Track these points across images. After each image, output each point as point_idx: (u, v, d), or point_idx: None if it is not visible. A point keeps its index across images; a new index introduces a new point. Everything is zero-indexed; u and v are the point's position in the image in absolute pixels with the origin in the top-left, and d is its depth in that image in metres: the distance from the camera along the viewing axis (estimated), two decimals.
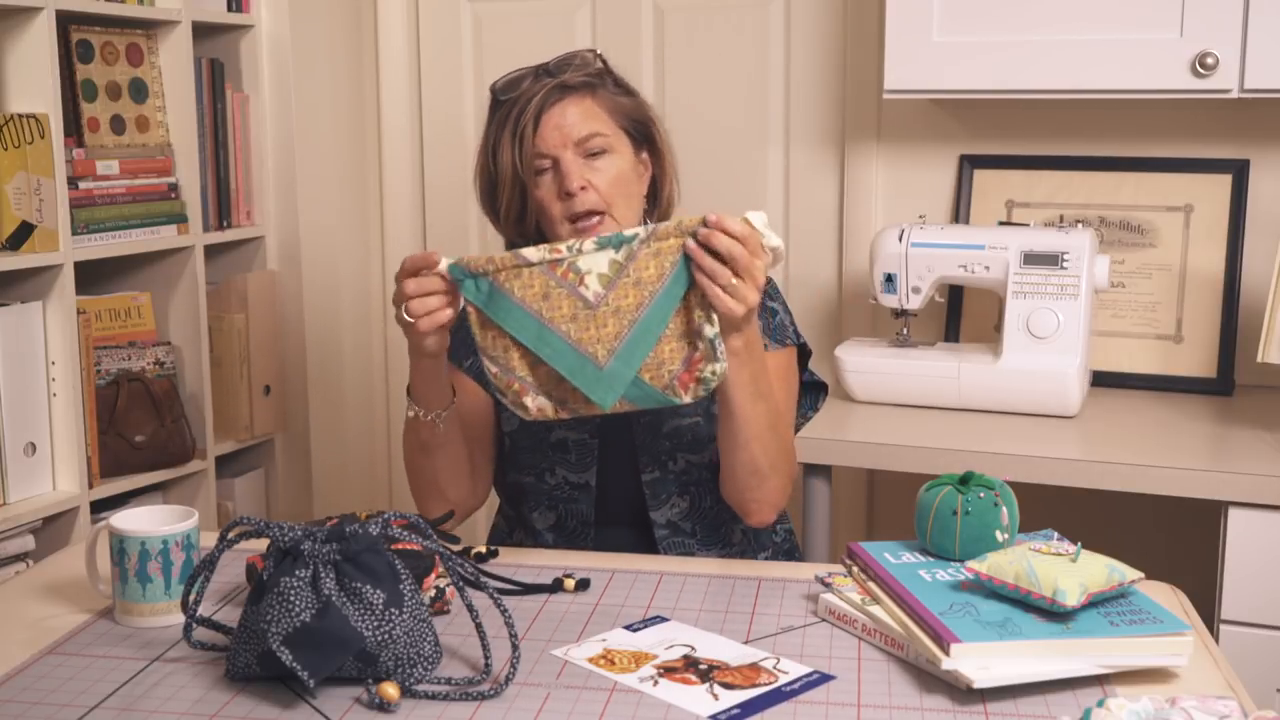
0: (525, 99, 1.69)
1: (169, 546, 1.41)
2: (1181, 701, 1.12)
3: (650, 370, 1.46)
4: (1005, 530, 1.41)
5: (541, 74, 1.70)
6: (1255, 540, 1.91)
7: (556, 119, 1.68)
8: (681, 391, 1.47)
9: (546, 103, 1.68)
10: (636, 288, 1.45)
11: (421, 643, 1.27)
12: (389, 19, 2.97)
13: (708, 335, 1.46)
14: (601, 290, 1.45)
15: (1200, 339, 2.41)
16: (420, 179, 3.03)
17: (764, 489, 1.66)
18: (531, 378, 1.49)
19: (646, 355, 1.46)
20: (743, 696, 1.23)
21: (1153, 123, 2.47)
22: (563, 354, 1.46)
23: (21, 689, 1.27)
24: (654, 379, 1.47)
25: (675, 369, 1.47)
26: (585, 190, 1.67)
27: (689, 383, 1.47)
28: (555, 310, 1.46)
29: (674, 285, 1.45)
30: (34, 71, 2.24)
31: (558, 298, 1.46)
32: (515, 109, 1.69)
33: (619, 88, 1.76)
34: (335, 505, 2.92)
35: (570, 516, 1.76)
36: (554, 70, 1.70)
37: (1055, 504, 2.30)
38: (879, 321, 2.64)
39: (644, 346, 1.46)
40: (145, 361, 2.49)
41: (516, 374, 1.49)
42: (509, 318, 1.46)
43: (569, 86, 1.69)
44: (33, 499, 2.29)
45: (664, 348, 1.46)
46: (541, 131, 1.67)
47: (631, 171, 1.73)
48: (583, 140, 1.68)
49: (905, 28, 2.28)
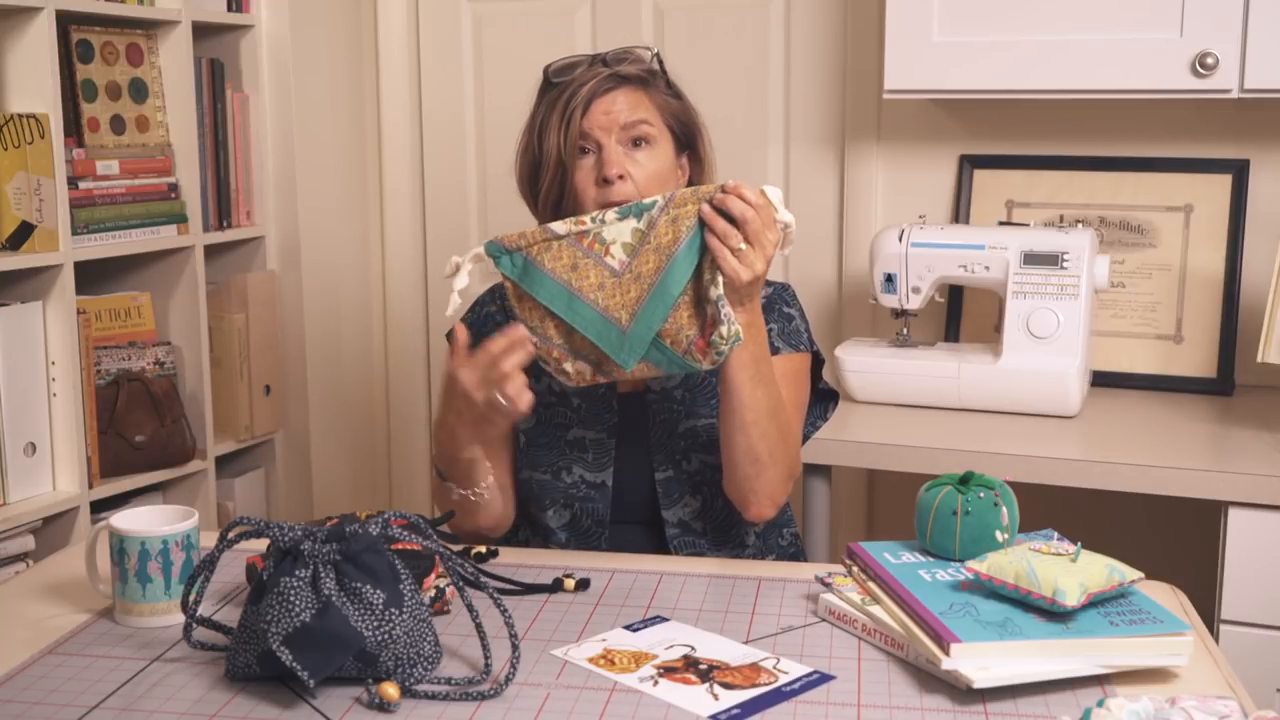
0: (578, 84, 1.70)
1: (169, 546, 1.41)
2: (1181, 701, 1.12)
3: (670, 335, 1.52)
4: (1005, 530, 1.41)
5: (597, 62, 1.72)
6: (1255, 540, 1.91)
7: (606, 104, 1.69)
8: (700, 357, 1.52)
9: (599, 89, 1.69)
10: (656, 253, 1.51)
11: (421, 643, 1.27)
12: (389, 19, 2.97)
13: (712, 297, 1.50)
14: (625, 259, 1.52)
15: (1200, 339, 2.41)
16: (420, 179, 3.03)
17: (762, 479, 1.65)
18: (567, 345, 1.54)
19: (664, 318, 1.51)
20: (743, 696, 1.23)
21: (1153, 123, 2.47)
22: (591, 321, 1.52)
23: (21, 689, 1.27)
24: (674, 344, 1.52)
25: (692, 335, 1.51)
26: (623, 180, 1.67)
27: (704, 348, 1.51)
28: (584, 280, 1.52)
29: (689, 250, 1.50)
30: (34, 71, 2.24)
31: (585, 268, 1.52)
32: (567, 92, 1.70)
33: (671, 89, 1.77)
34: (335, 505, 2.92)
35: (585, 515, 1.75)
36: (610, 61, 1.72)
37: (1055, 504, 2.30)
38: (879, 321, 2.64)
39: (661, 308, 1.51)
40: (145, 361, 2.49)
41: (554, 342, 1.54)
42: (541, 289, 1.53)
43: (623, 77, 1.71)
44: (33, 499, 2.29)
45: (681, 314, 1.51)
46: (591, 114, 1.69)
47: (670, 171, 1.73)
48: (629, 126, 1.69)
49: (905, 28, 2.28)
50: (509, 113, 2.92)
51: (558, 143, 1.70)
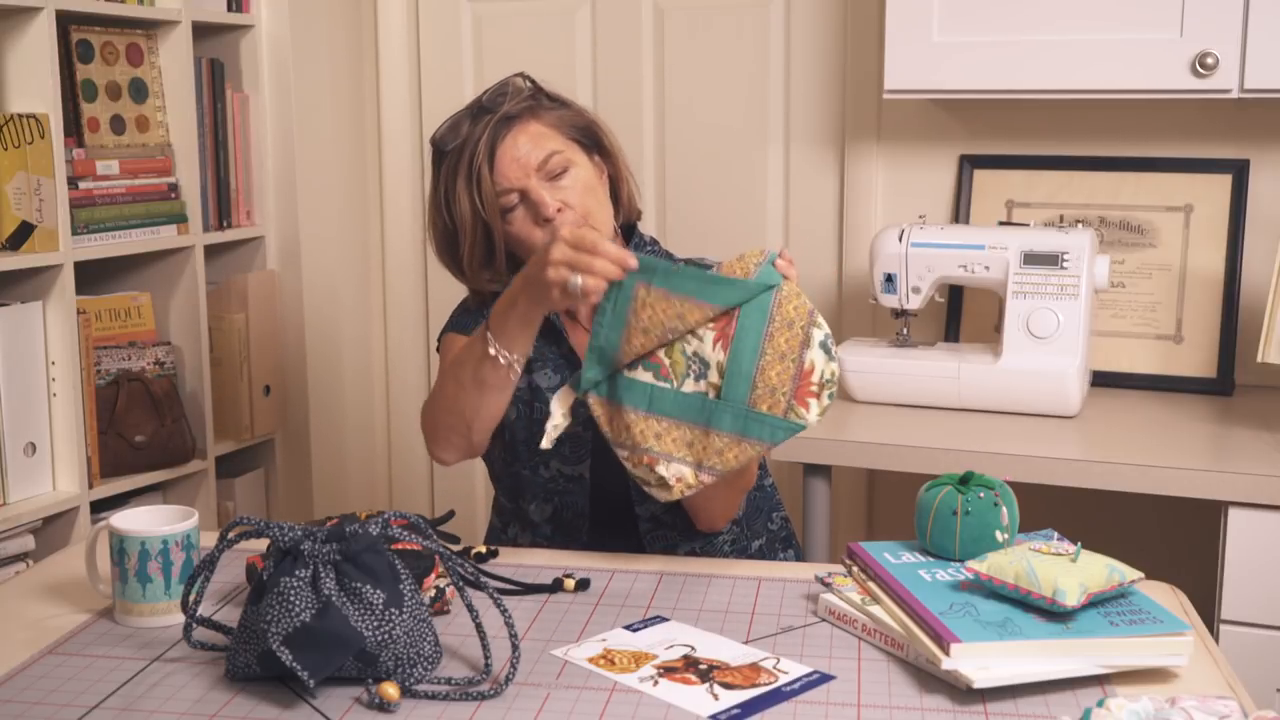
0: (472, 142, 1.68)
1: (169, 546, 1.41)
2: (1181, 701, 1.12)
3: (765, 401, 1.45)
4: (1005, 530, 1.41)
5: (479, 112, 1.70)
6: (1255, 540, 1.91)
7: (510, 152, 1.68)
8: (804, 411, 1.45)
9: (496, 138, 1.67)
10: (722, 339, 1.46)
11: (421, 643, 1.27)
12: (389, 19, 2.97)
13: (818, 338, 1.45)
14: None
15: (1200, 339, 2.41)
16: (420, 179, 3.03)
17: (710, 505, 1.69)
18: (657, 448, 1.48)
19: (749, 388, 1.45)
20: (743, 696, 1.23)
21: (1153, 123, 2.47)
22: (685, 400, 1.47)
23: (21, 689, 1.27)
24: (771, 409, 1.45)
25: (788, 390, 1.45)
26: (562, 211, 1.67)
27: (807, 398, 1.45)
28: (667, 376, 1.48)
29: (758, 316, 1.45)
30: (34, 71, 2.24)
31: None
32: (465, 154, 1.68)
33: (555, 102, 1.75)
34: (335, 505, 2.92)
35: (566, 508, 1.76)
36: (490, 105, 1.69)
37: (1055, 504, 2.31)
38: (879, 321, 2.64)
39: (744, 381, 1.45)
40: (145, 361, 2.49)
41: (642, 448, 1.48)
42: (630, 393, 1.48)
43: (511, 116, 1.69)
44: (33, 499, 2.29)
45: (769, 374, 1.45)
46: (499, 168, 1.67)
47: (594, 178, 1.73)
48: (542, 164, 1.68)
49: (905, 28, 2.28)
50: None
51: (473, 205, 1.68)
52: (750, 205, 2.78)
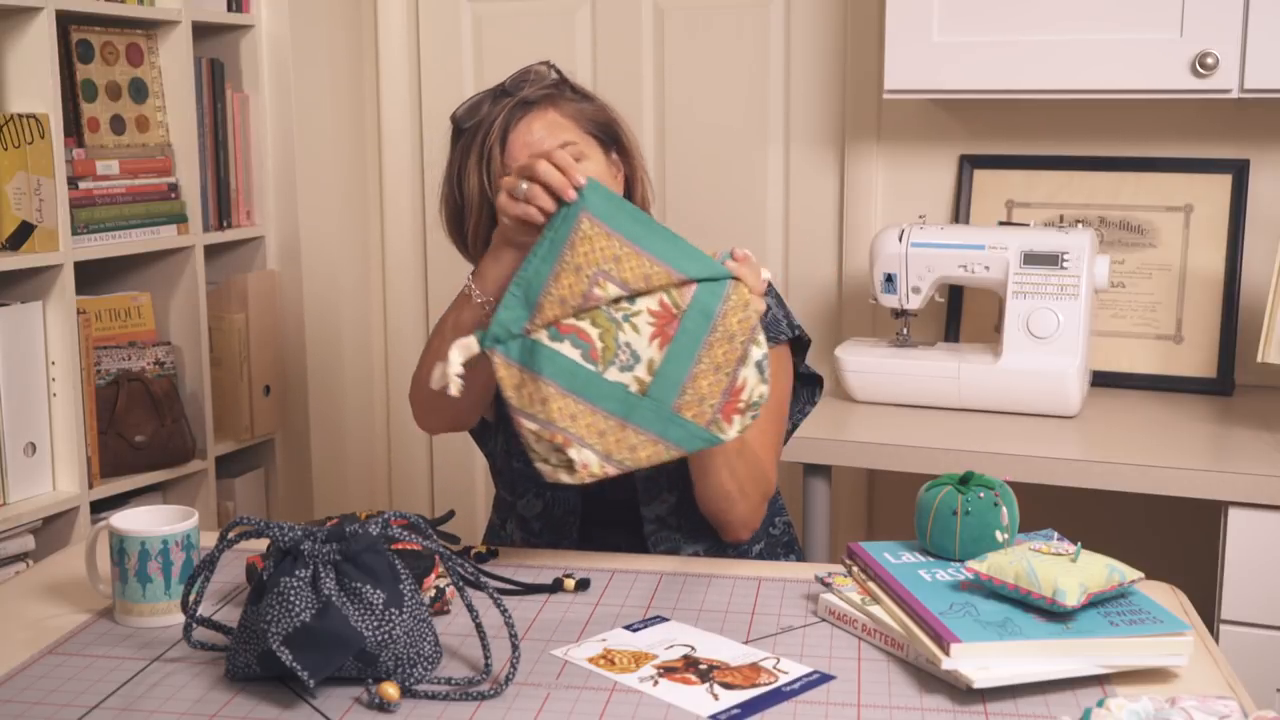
0: (488, 122, 1.68)
1: (169, 546, 1.41)
2: (1181, 701, 1.12)
3: (691, 408, 1.43)
4: (1005, 530, 1.41)
5: (500, 95, 1.70)
6: (1255, 540, 1.91)
7: (523, 136, 1.68)
8: (726, 425, 1.44)
9: (510, 121, 1.68)
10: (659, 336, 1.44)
11: (421, 643, 1.27)
12: (389, 19, 2.97)
13: (756, 358, 1.43)
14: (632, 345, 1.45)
15: (1200, 339, 2.41)
16: (420, 179, 3.03)
17: (734, 512, 1.68)
18: (572, 429, 1.43)
19: (678, 393, 1.43)
20: (743, 696, 1.23)
21: (1153, 123, 2.47)
22: (611, 390, 1.43)
23: (21, 689, 1.27)
24: (696, 416, 1.43)
25: (716, 403, 1.43)
26: None
27: (732, 414, 1.44)
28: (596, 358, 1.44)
29: (701, 320, 1.43)
30: (34, 71, 2.24)
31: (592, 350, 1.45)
32: (480, 133, 1.69)
33: (577, 94, 1.75)
34: (335, 505, 2.92)
35: (557, 504, 1.76)
36: (511, 89, 1.70)
37: (1055, 504, 2.31)
38: (879, 321, 2.64)
39: (674, 386, 1.43)
40: (145, 361, 2.49)
41: (557, 426, 1.43)
42: (552, 366, 1.43)
43: (530, 102, 1.69)
44: (33, 499, 2.29)
45: (700, 383, 1.43)
46: (510, 150, 1.67)
47: (606, 174, 1.73)
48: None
49: (905, 28, 2.28)
50: None
51: (480, 183, 1.69)
52: (750, 205, 2.78)
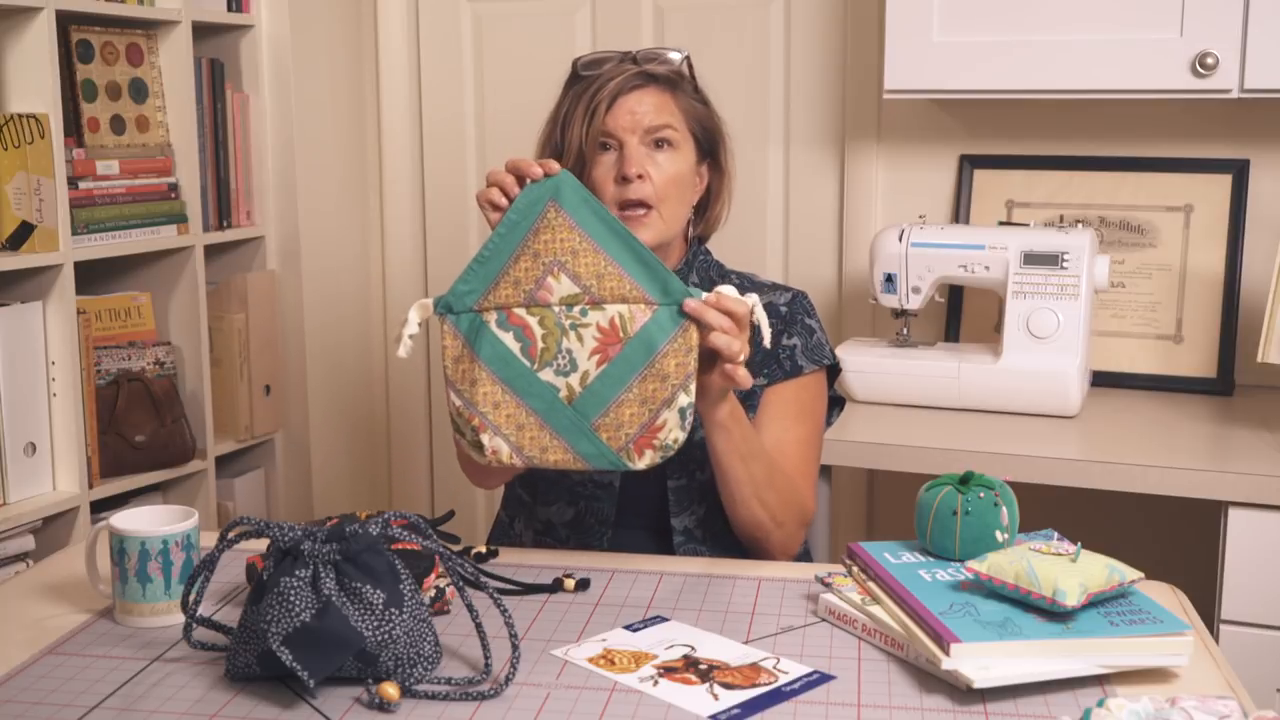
0: (605, 79, 1.70)
1: (169, 546, 1.41)
2: (1181, 701, 1.12)
3: (608, 430, 1.48)
4: (1005, 530, 1.41)
5: (626, 60, 1.72)
6: (1255, 540, 1.91)
7: (632, 104, 1.69)
8: (637, 458, 1.48)
9: (625, 86, 1.69)
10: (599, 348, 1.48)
11: (421, 643, 1.27)
12: (389, 19, 2.97)
13: (682, 404, 1.46)
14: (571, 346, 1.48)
15: (1200, 339, 2.41)
16: (420, 179, 3.03)
17: (771, 540, 1.68)
18: (492, 417, 1.49)
19: (602, 412, 1.47)
20: (743, 696, 1.23)
21: (1153, 123, 2.47)
22: (543, 391, 1.47)
23: (21, 689, 1.27)
24: (610, 439, 1.48)
25: (633, 433, 1.47)
26: (642, 180, 1.68)
27: (645, 448, 1.47)
28: (535, 353, 1.48)
29: (641, 349, 1.46)
30: (34, 71, 2.24)
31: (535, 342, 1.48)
32: (594, 86, 1.70)
33: (698, 94, 1.77)
34: (335, 505, 2.92)
35: (589, 514, 1.75)
36: (639, 59, 1.72)
37: (1055, 504, 2.31)
38: (879, 321, 2.64)
39: (600, 404, 1.47)
40: (145, 361, 2.49)
41: (479, 410, 1.48)
42: (491, 350, 1.48)
43: (651, 76, 1.71)
44: (33, 499, 2.29)
45: (624, 411, 1.47)
46: (615, 111, 1.68)
47: (689, 177, 1.73)
48: (653, 129, 1.69)
49: (905, 28, 2.28)
50: (509, 113, 2.94)
51: (580, 135, 1.70)
52: (750, 205, 2.78)
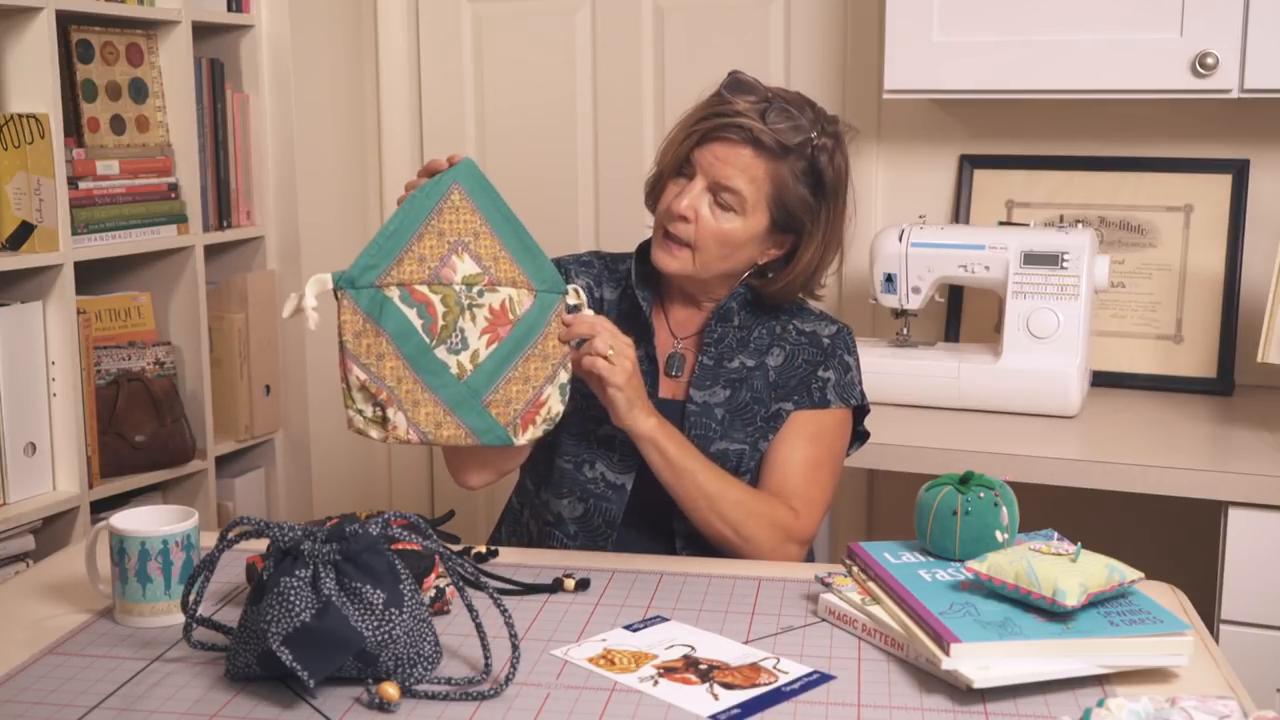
0: (727, 113, 1.67)
1: (169, 546, 1.41)
2: (1181, 701, 1.12)
3: (498, 406, 1.54)
4: (1005, 530, 1.41)
5: (762, 109, 1.67)
6: (1255, 540, 1.91)
7: (720, 151, 1.67)
8: (523, 431, 1.55)
9: (725, 129, 1.66)
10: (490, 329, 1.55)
11: (421, 643, 1.27)
12: (389, 19, 2.97)
13: (562, 380, 1.56)
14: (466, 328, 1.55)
15: (1200, 339, 2.41)
16: None
17: (746, 555, 1.66)
18: (397, 390, 1.53)
19: (492, 388, 1.53)
20: (743, 696, 1.23)
21: (1153, 123, 2.47)
22: (442, 368, 1.52)
23: (21, 689, 1.27)
24: (499, 415, 1.54)
25: (519, 409, 1.54)
26: (686, 222, 1.68)
27: (529, 424, 1.55)
28: (435, 331, 1.54)
29: (526, 330, 1.54)
30: (34, 71, 2.24)
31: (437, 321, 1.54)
32: (711, 112, 1.69)
33: (812, 176, 1.69)
34: (335, 505, 2.92)
35: (597, 513, 1.74)
36: (768, 116, 1.66)
37: (1055, 504, 2.31)
38: (879, 321, 2.64)
39: (491, 381, 1.53)
40: (145, 361, 2.49)
41: (386, 384, 1.53)
42: (393, 324, 1.54)
43: (758, 142, 1.66)
44: (33, 499, 2.29)
45: (511, 387, 1.54)
46: (703, 148, 1.68)
47: (747, 240, 1.70)
48: (720, 185, 1.67)
49: (905, 28, 2.28)
50: (509, 113, 2.94)
51: (674, 145, 1.72)
52: None
